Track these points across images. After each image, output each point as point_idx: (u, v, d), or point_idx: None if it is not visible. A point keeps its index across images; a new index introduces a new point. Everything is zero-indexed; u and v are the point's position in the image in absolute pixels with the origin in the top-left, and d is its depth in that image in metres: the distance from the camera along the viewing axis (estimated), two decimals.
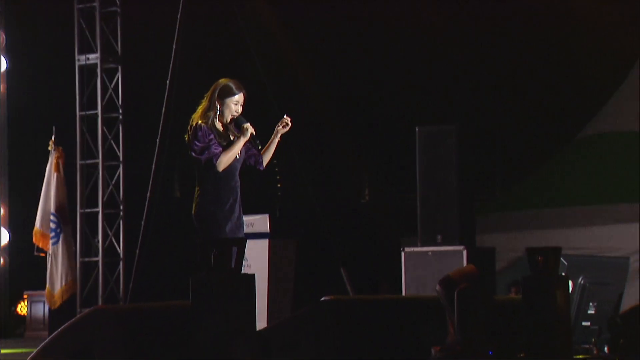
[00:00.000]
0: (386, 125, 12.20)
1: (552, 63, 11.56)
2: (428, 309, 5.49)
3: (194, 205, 5.66)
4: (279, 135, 5.82)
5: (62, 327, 4.78)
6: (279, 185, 12.04)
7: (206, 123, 5.64)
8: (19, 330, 10.74)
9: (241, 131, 5.67)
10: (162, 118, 9.78)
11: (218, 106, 5.68)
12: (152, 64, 10.56)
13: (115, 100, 10.50)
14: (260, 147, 5.73)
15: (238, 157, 5.70)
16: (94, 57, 10.47)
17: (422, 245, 8.40)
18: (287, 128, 5.81)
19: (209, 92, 5.73)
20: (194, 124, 5.65)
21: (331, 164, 12.39)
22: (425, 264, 8.23)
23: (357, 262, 10.96)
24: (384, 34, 11.63)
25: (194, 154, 5.62)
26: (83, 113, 10.52)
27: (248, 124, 5.68)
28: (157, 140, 9.81)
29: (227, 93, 5.70)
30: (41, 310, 10.35)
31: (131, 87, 10.59)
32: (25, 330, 10.48)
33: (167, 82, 9.96)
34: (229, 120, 5.70)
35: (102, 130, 10.47)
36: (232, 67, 10.83)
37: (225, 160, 5.61)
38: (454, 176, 8.38)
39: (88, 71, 10.52)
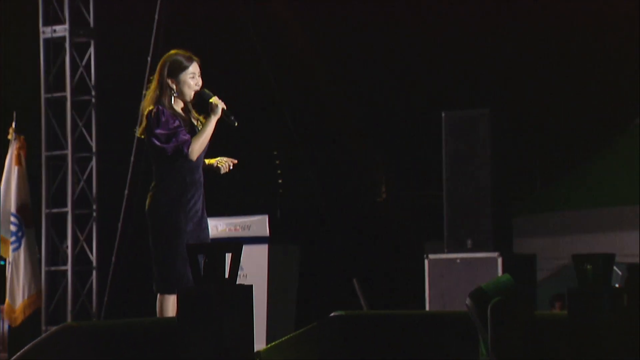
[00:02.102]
0: (406, 111, 12.19)
1: (606, 40, 11.54)
2: (456, 326, 5.49)
3: (147, 201, 5.65)
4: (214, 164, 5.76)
5: (25, 347, 4.79)
6: (279, 182, 12.05)
7: (165, 108, 5.61)
8: None
9: (210, 108, 5.62)
10: (142, 101, 9.79)
11: (173, 86, 5.64)
12: (130, 37, 10.57)
13: (87, 80, 10.51)
14: (237, 124, 5.67)
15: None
16: (61, 30, 10.48)
17: (449, 251, 8.40)
18: (222, 170, 5.75)
19: (156, 74, 5.68)
20: (152, 109, 5.61)
21: (341, 157, 12.39)
22: (453, 274, 8.24)
23: (372, 271, 10.97)
24: (405, 12, 11.64)
25: (158, 143, 5.57)
26: (49, 95, 10.53)
27: (215, 98, 5.62)
28: (136, 129, 9.81)
29: (179, 68, 5.64)
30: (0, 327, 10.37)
31: (105, 65, 10.60)
32: None
33: (148, 59, 9.97)
34: (192, 97, 5.68)
35: (72, 115, 10.49)
36: (224, 40, 10.84)
37: (198, 147, 5.59)
38: (486, 170, 8.39)
39: (55, 46, 10.53)
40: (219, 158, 5.79)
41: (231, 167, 5.78)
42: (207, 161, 5.81)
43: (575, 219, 10.95)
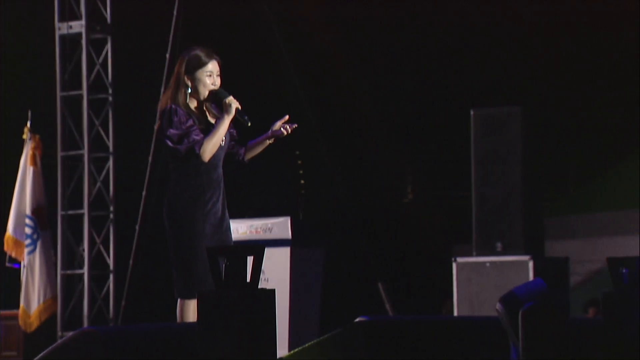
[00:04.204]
0: (434, 108, 12.17)
1: None
2: (485, 332, 5.49)
3: (165, 204, 5.69)
4: (272, 139, 5.78)
5: (41, 354, 4.82)
6: (302, 182, 12.05)
7: (179, 106, 5.64)
8: None
9: (224, 108, 5.66)
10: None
11: (189, 83, 5.68)
12: (148, 33, 10.60)
13: (104, 78, 10.55)
14: (249, 124, 5.70)
15: (222, 143, 5.71)
16: (77, 25, 10.52)
17: (478, 254, 8.39)
18: (284, 132, 5.76)
19: (175, 70, 5.73)
20: (166, 107, 5.65)
21: (366, 156, 12.39)
22: (483, 278, 8.23)
23: (398, 275, 10.96)
24: (432, 7, 11.62)
25: (170, 144, 5.61)
26: (65, 94, 10.58)
27: (231, 98, 5.65)
28: (155, 127, 9.86)
29: (197, 65, 5.68)
30: (15, 333, 10.42)
31: (123, 62, 10.64)
32: None
33: (167, 56, 10.00)
34: (206, 96, 5.71)
35: (88, 114, 10.53)
36: (245, 36, 10.86)
37: (210, 147, 5.61)
38: (517, 170, 8.37)
39: (71, 42, 10.58)
40: (270, 132, 5.75)
41: (289, 130, 5.75)
42: (252, 145, 5.80)
43: (610, 220, 10.90)
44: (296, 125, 5.78)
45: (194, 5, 10.21)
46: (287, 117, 5.78)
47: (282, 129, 5.75)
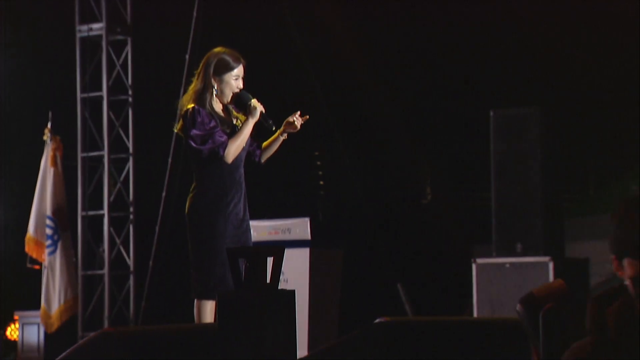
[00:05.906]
0: (453, 109, 12.15)
1: None
2: (505, 333, 5.48)
3: (187, 204, 5.71)
4: (285, 135, 5.81)
5: (62, 354, 4.85)
6: (321, 183, 12.05)
7: (203, 107, 5.67)
8: (9, 358, 10.88)
9: (248, 111, 5.69)
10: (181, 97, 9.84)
11: (215, 85, 5.71)
12: (168, 35, 10.63)
13: (124, 79, 10.59)
14: (274, 128, 5.73)
15: (244, 145, 5.73)
16: (98, 27, 10.57)
17: (498, 255, 8.38)
18: (295, 128, 5.78)
19: (200, 69, 5.78)
20: (189, 107, 5.68)
21: (385, 157, 12.38)
22: (502, 279, 8.21)
23: (417, 276, 10.95)
24: (450, 7, 11.61)
25: (193, 144, 5.65)
26: (85, 95, 10.63)
27: (254, 100, 5.70)
28: (175, 127, 9.87)
29: (225, 68, 5.73)
30: (35, 334, 10.47)
31: (143, 63, 10.68)
32: (17, 358, 10.62)
33: (186, 57, 10.03)
34: (230, 99, 5.73)
35: (108, 115, 10.57)
36: (264, 38, 10.88)
37: (234, 149, 5.65)
38: (536, 171, 8.35)
39: (91, 44, 10.63)
40: (283, 126, 5.77)
41: (301, 123, 5.78)
42: (266, 144, 5.83)
43: None
44: (308, 117, 5.80)
45: (214, 7, 10.24)
46: (299, 112, 5.81)
47: (295, 120, 5.78)
